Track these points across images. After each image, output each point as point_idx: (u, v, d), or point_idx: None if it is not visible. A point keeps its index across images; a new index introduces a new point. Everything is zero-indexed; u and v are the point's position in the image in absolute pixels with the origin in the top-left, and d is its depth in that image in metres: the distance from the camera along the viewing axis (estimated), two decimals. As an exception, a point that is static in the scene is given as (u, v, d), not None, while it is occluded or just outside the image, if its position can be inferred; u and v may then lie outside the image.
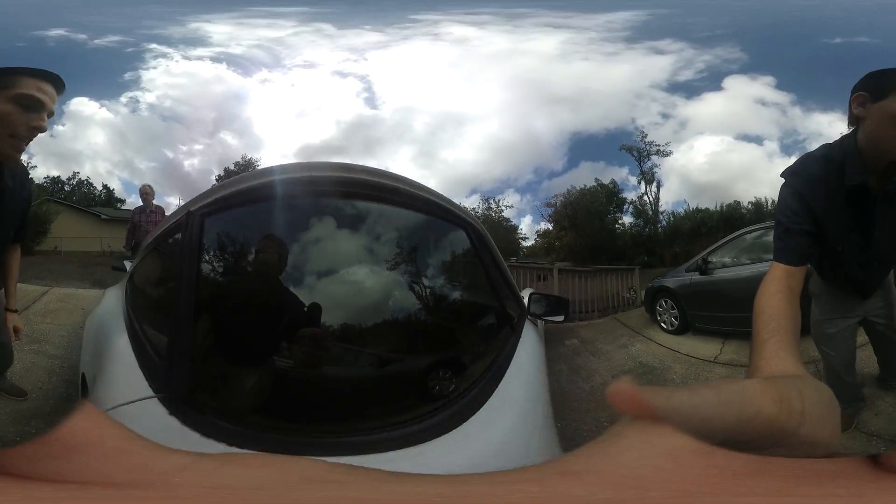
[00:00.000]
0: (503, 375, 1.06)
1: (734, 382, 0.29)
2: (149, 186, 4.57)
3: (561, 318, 1.72)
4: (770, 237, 3.75)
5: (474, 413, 0.94)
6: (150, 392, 0.88)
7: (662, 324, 5.02)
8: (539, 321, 1.63)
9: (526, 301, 1.56)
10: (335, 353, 1.01)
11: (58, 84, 1.32)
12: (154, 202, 4.45)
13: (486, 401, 0.97)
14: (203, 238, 1.00)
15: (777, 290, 0.98)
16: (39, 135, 1.39)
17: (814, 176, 1.16)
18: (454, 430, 0.90)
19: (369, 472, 0.24)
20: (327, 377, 1.00)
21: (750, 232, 4.08)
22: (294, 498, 0.22)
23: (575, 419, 3.26)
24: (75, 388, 1.87)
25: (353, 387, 1.05)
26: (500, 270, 1.37)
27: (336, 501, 0.22)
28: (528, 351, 1.30)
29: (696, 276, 4.46)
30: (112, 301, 1.77)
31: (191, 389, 0.88)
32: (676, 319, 4.81)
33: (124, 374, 1.01)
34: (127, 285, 1.59)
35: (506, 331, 1.31)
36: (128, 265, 2.62)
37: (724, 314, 4.30)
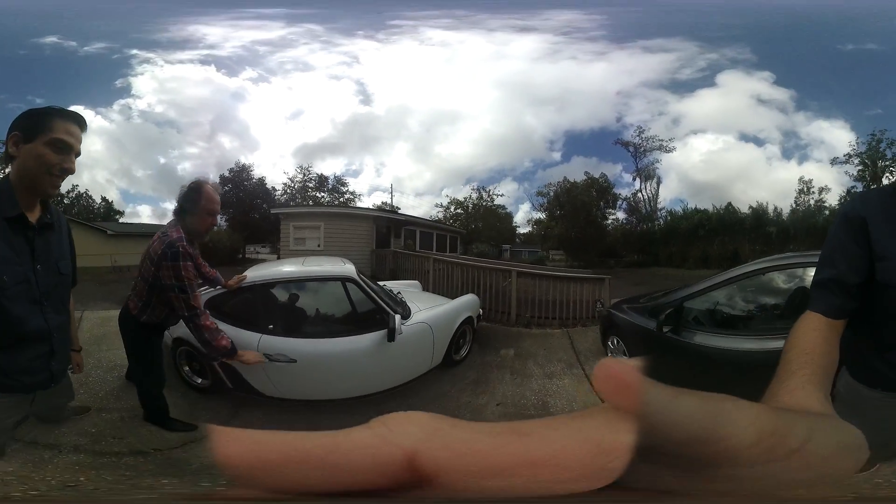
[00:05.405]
0: (338, 336, 3.27)
1: (730, 399, 0.25)
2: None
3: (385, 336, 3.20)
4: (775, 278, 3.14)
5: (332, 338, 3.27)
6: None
7: (612, 360, 4.07)
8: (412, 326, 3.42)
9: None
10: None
11: (82, 124, 1.45)
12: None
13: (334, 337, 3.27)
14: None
15: (815, 327, 0.91)
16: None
17: (879, 197, 1.08)
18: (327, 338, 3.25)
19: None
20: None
21: (758, 273, 2.75)
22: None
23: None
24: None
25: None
26: (370, 297, 3.38)
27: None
28: (364, 340, 3.17)
29: (653, 329, 2.93)
30: None
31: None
32: (627, 364, 3.75)
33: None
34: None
35: (353, 327, 3.37)
36: None
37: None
